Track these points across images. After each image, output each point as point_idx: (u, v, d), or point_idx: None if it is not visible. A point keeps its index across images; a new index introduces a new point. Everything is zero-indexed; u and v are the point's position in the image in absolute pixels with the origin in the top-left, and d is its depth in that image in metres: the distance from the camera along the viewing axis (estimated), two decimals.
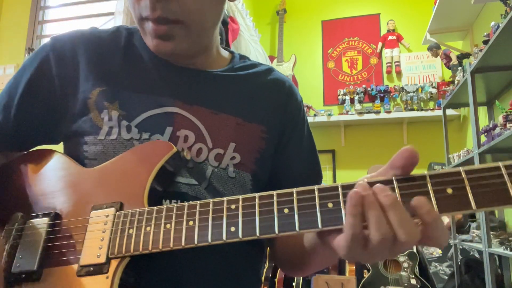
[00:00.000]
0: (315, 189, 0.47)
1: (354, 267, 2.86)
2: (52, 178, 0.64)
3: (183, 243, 0.49)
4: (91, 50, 0.68)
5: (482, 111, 2.81)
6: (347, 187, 0.45)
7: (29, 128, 0.68)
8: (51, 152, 0.67)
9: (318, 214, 0.45)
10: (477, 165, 0.42)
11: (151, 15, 0.59)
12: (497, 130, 1.99)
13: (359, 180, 0.45)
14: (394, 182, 0.44)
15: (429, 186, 0.42)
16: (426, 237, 0.41)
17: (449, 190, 0.42)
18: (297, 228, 0.45)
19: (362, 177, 0.46)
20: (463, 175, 0.42)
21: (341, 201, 0.45)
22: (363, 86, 3.74)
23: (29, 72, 0.67)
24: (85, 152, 0.63)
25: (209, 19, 0.65)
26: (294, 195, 0.47)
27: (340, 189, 0.46)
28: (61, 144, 0.72)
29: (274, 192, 0.48)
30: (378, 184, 0.43)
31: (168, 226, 0.51)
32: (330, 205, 0.45)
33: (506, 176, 0.40)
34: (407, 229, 0.40)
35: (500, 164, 0.41)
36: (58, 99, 0.66)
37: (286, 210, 0.47)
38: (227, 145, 0.66)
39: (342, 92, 3.75)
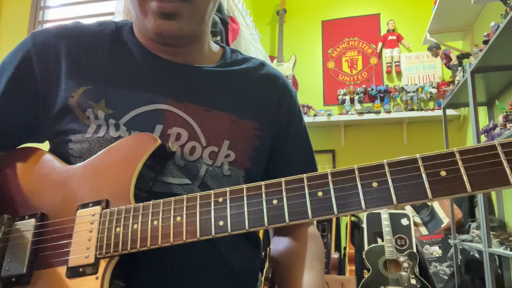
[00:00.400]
0: (304, 178, 0.46)
1: (354, 267, 2.86)
2: (37, 177, 0.62)
3: (171, 240, 0.48)
4: (74, 46, 0.66)
5: (482, 111, 2.81)
6: (337, 175, 0.44)
7: (11, 128, 0.66)
8: (34, 150, 0.65)
9: (308, 203, 0.44)
10: (472, 145, 0.40)
11: None
12: (497, 130, 1.99)
13: (353, 167, 0.44)
14: (386, 167, 0.43)
15: (422, 169, 0.41)
16: None
17: (443, 173, 0.40)
18: (286, 220, 0.45)
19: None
20: (457, 156, 0.40)
21: (331, 189, 0.44)
22: (363, 86, 3.73)
23: (9, 71, 0.65)
24: (70, 150, 0.62)
25: (211, 1, 0.64)
26: (283, 185, 0.46)
27: (329, 177, 0.45)
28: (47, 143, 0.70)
29: (262, 183, 0.47)
30: None
31: (155, 223, 0.50)
32: (320, 194, 0.44)
33: (502, 155, 0.38)
34: None
35: (496, 142, 0.39)
36: (41, 97, 0.65)
37: (275, 201, 0.46)
38: (221, 142, 0.65)
39: (342, 92, 3.74)
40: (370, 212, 2.40)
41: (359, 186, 0.43)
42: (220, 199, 0.48)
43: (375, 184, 0.43)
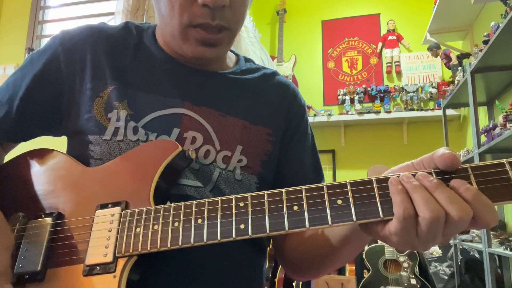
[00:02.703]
0: (324, 187, 0.48)
1: (354, 267, 2.86)
2: (53, 177, 0.63)
3: (192, 241, 0.50)
4: (101, 48, 0.68)
5: (482, 111, 2.81)
6: (356, 184, 0.46)
7: (31, 121, 0.68)
8: (51, 152, 0.66)
9: (328, 210, 0.46)
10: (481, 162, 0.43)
11: (212, 24, 0.60)
12: (497, 130, 1.99)
13: (371, 178, 0.46)
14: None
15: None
16: (473, 218, 0.41)
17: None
18: (307, 225, 0.46)
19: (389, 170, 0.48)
20: (469, 171, 0.43)
21: (350, 197, 0.46)
22: (363, 86, 3.73)
23: (37, 66, 0.67)
24: (91, 152, 0.63)
25: (242, 23, 0.67)
26: (303, 192, 0.48)
27: (349, 186, 0.47)
28: (61, 139, 0.71)
29: (283, 190, 0.49)
30: (419, 172, 0.44)
31: (176, 224, 0.51)
32: (339, 202, 0.46)
33: (511, 173, 0.42)
34: (458, 205, 0.40)
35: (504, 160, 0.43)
36: (65, 95, 0.66)
37: (295, 207, 0.47)
38: (235, 147, 0.66)
39: (342, 92, 3.74)
40: None
41: (377, 196, 0.45)
42: (241, 204, 0.50)
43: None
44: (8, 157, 0.71)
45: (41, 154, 0.67)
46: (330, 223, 0.46)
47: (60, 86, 0.66)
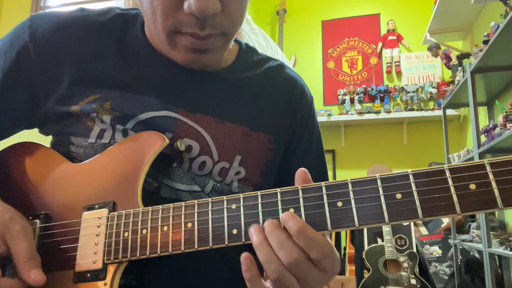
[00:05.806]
0: (323, 186, 0.43)
1: (354, 267, 2.86)
2: (40, 174, 0.60)
3: (182, 248, 0.47)
4: (77, 44, 0.61)
5: (482, 111, 2.81)
6: (358, 184, 0.42)
7: (4, 122, 0.63)
8: (37, 146, 0.62)
9: (327, 214, 0.42)
10: (502, 157, 0.38)
11: (201, 35, 0.54)
12: (497, 130, 1.99)
13: (374, 176, 0.42)
14: (410, 177, 0.40)
15: (450, 181, 0.39)
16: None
17: (472, 186, 0.38)
18: None
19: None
20: (488, 168, 0.38)
21: (352, 199, 0.41)
22: (363, 86, 3.73)
23: (6, 64, 0.61)
24: (73, 153, 0.60)
25: (240, 26, 0.60)
26: (300, 193, 0.44)
27: (350, 186, 0.42)
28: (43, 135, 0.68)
29: (278, 190, 0.45)
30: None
31: (165, 228, 0.48)
32: (339, 204, 0.42)
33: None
34: (285, 250, 0.41)
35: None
36: (41, 95, 0.61)
37: (291, 210, 0.43)
38: (233, 158, 0.62)
39: (342, 92, 3.74)
40: None
41: (382, 197, 0.40)
42: (234, 206, 0.46)
43: (399, 196, 0.40)
44: None
45: (24, 149, 0.63)
46: (330, 228, 0.41)
47: (32, 85, 0.61)
